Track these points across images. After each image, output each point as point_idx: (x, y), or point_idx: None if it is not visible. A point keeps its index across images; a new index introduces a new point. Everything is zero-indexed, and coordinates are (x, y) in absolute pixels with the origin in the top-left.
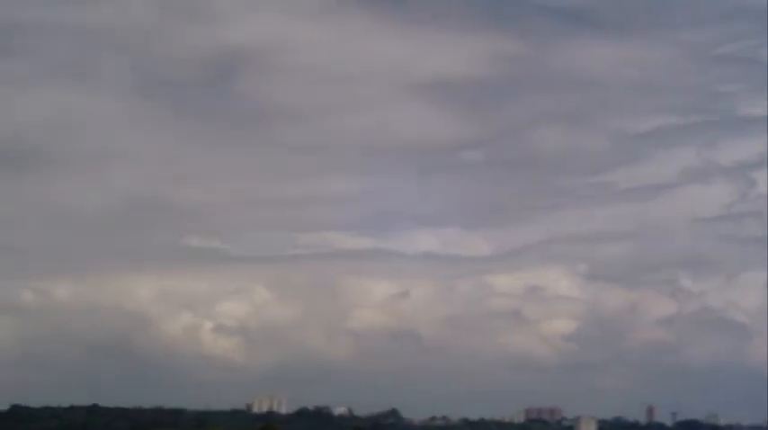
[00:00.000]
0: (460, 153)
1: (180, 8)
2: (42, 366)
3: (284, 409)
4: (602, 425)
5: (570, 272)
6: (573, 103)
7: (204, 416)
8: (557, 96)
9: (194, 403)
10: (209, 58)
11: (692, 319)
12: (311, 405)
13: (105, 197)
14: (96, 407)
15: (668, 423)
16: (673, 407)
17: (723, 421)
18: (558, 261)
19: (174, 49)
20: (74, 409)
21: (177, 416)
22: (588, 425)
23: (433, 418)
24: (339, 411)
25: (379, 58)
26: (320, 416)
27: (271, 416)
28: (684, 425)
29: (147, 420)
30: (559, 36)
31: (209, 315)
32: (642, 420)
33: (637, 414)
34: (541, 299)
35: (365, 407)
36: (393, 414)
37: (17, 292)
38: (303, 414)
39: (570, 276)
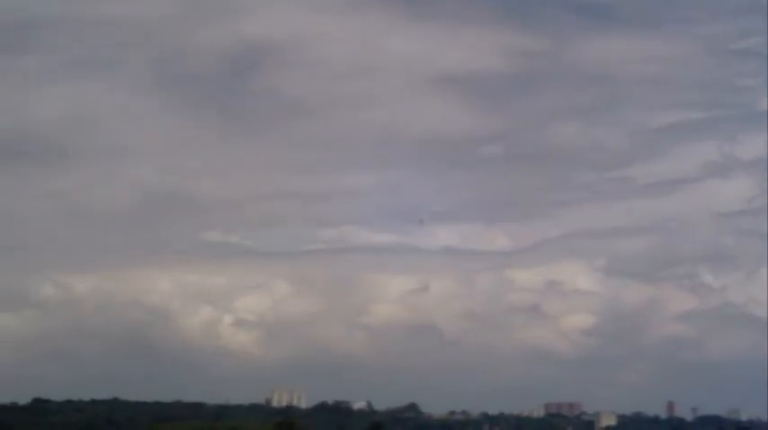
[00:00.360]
0: (480, 147)
1: (199, 2)
2: (63, 360)
3: (303, 404)
4: (621, 419)
5: (589, 266)
6: (592, 97)
7: (223, 411)
8: (576, 91)
9: (214, 397)
10: (228, 52)
11: (712, 314)
12: (330, 399)
13: (126, 192)
14: (117, 400)
15: (688, 418)
16: (693, 403)
17: (744, 416)
18: (578, 256)
19: (194, 42)
20: (95, 403)
21: (197, 410)
22: (608, 420)
23: (453, 413)
24: (358, 406)
25: (399, 52)
26: (339, 411)
27: (290, 410)
28: (705, 421)
29: (167, 414)
30: (578, 31)
31: (228, 309)
32: (662, 415)
33: (657, 409)
34: (561, 293)
35: (384, 401)
36: (412, 408)
37: (38, 287)
38: (322, 408)
39: (589, 271)
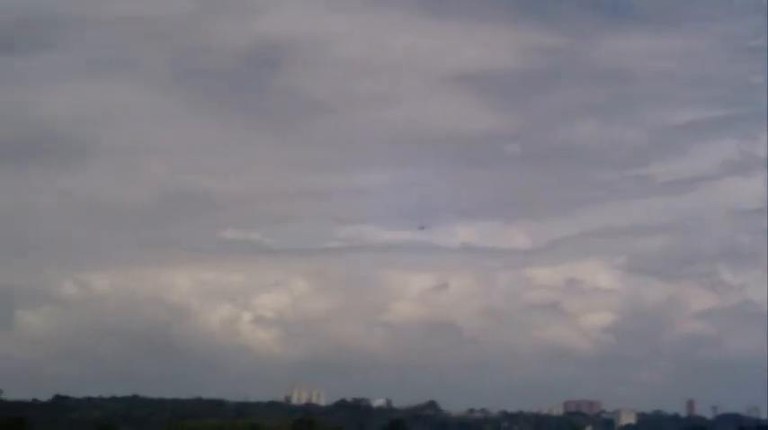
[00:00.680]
0: (498, 145)
1: (218, 0)
2: (83, 358)
3: (323, 401)
4: (641, 418)
5: (608, 264)
6: (609, 95)
7: (243, 408)
8: (594, 88)
9: (234, 394)
10: (246, 51)
11: (732, 312)
12: (350, 397)
13: (145, 190)
14: (136, 397)
15: (708, 416)
16: (713, 401)
17: (765, 414)
18: (597, 254)
19: (212, 41)
20: (114, 400)
21: (217, 407)
22: (628, 418)
23: (472, 411)
24: (378, 403)
25: (417, 50)
26: (359, 408)
27: (310, 407)
28: (725, 419)
29: (187, 411)
30: (595, 28)
31: (247, 306)
32: (682, 413)
33: (677, 407)
34: (580, 291)
35: (404, 399)
36: (431, 406)
37: (58, 285)
38: (342, 406)
39: (609, 269)
